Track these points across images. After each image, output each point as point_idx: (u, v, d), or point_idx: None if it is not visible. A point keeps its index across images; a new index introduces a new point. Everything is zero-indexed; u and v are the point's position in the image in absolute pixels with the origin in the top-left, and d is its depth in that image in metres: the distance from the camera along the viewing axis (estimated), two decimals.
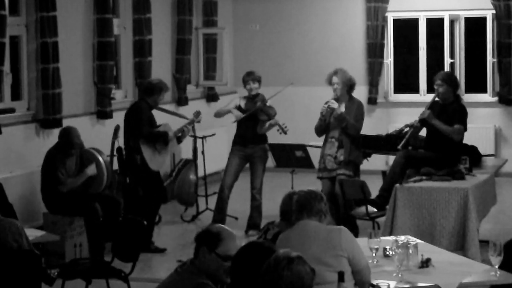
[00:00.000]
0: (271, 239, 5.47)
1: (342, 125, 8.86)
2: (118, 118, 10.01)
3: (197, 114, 9.46)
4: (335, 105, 8.86)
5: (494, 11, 12.60)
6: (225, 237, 4.27)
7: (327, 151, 8.99)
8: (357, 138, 9.01)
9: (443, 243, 7.56)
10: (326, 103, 8.94)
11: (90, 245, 8.20)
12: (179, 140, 9.37)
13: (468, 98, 12.22)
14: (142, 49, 10.99)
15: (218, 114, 9.79)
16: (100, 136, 9.84)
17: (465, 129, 8.53)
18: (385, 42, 13.15)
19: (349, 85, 8.98)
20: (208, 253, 4.24)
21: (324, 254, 4.92)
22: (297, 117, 13.32)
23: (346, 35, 13.35)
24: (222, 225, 4.44)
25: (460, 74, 12.85)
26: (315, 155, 9.44)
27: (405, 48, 13.50)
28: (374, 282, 5.01)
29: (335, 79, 8.94)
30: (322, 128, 9.05)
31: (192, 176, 10.70)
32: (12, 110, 9.11)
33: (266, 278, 3.73)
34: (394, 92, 13.31)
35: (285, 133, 9.29)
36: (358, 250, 5.03)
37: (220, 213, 9.54)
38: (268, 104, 9.39)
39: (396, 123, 11.59)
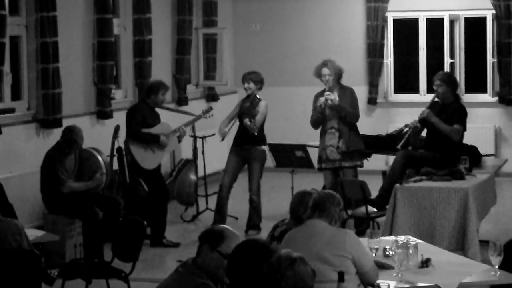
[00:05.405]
0: (278, 236, 5.49)
1: (342, 115, 9.00)
2: (118, 118, 10.00)
3: (206, 111, 9.62)
4: (332, 96, 8.97)
5: (494, 11, 12.59)
6: (228, 236, 4.29)
7: (328, 142, 9.09)
8: (355, 124, 9.10)
9: (443, 243, 7.55)
10: (321, 95, 9.01)
11: (86, 247, 8.20)
12: (179, 139, 9.42)
13: (468, 98, 12.23)
14: (142, 49, 10.99)
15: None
16: (100, 136, 9.83)
17: (465, 129, 8.53)
18: (385, 42, 13.14)
19: (339, 74, 9.14)
20: (210, 251, 4.26)
21: (328, 253, 4.93)
22: (297, 117, 13.31)
23: (346, 35, 13.34)
24: (226, 226, 4.46)
25: (460, 74, 12.85)
26: (315, 155, 9.43)
27: (405, 48, 13.49)
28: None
29: (325, 70, 9.06)
30: (319, 120, 9.14)
31: (192, 176, 10.69)
32: (12, 110, 9.11)
33: (268, 279, 3.73)
34: (394, 92, 13.30)
35: (254, 132, 9.28)
36: (363, 253, 5.05)
37: (219, 213, 9.53)
38: (258, 108, 9.37)
39: (396, 123, 11.58)
